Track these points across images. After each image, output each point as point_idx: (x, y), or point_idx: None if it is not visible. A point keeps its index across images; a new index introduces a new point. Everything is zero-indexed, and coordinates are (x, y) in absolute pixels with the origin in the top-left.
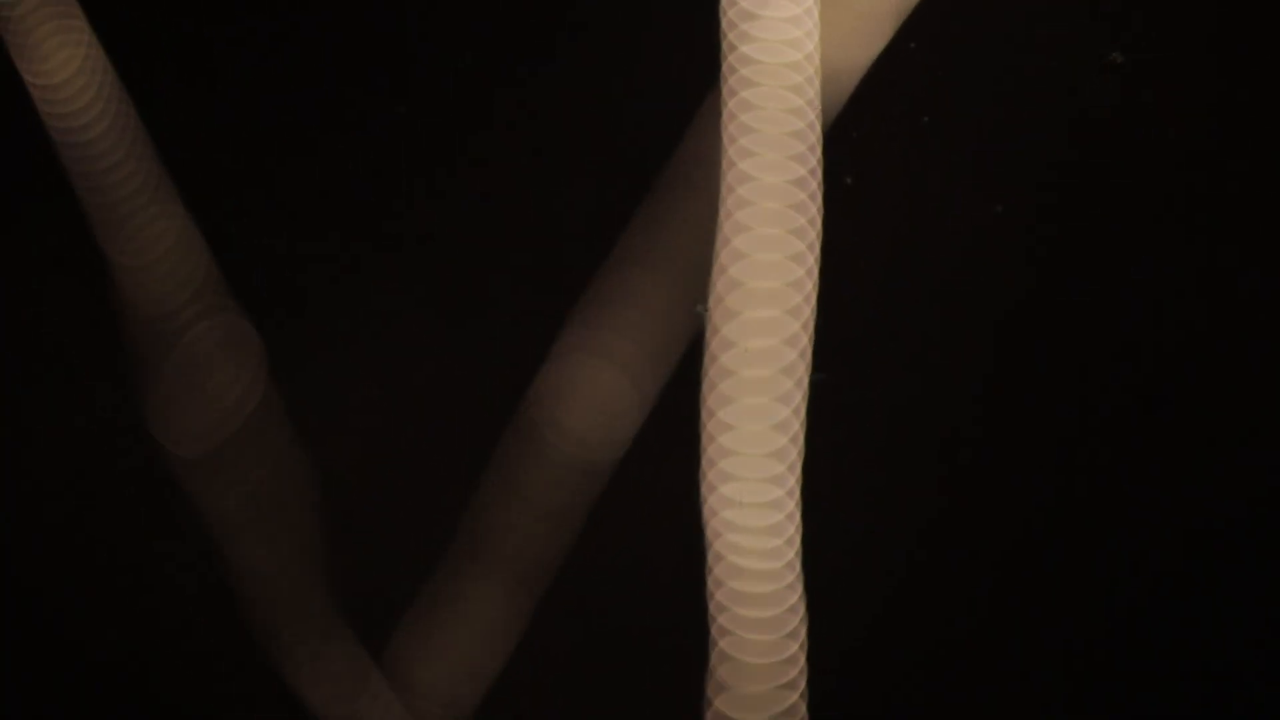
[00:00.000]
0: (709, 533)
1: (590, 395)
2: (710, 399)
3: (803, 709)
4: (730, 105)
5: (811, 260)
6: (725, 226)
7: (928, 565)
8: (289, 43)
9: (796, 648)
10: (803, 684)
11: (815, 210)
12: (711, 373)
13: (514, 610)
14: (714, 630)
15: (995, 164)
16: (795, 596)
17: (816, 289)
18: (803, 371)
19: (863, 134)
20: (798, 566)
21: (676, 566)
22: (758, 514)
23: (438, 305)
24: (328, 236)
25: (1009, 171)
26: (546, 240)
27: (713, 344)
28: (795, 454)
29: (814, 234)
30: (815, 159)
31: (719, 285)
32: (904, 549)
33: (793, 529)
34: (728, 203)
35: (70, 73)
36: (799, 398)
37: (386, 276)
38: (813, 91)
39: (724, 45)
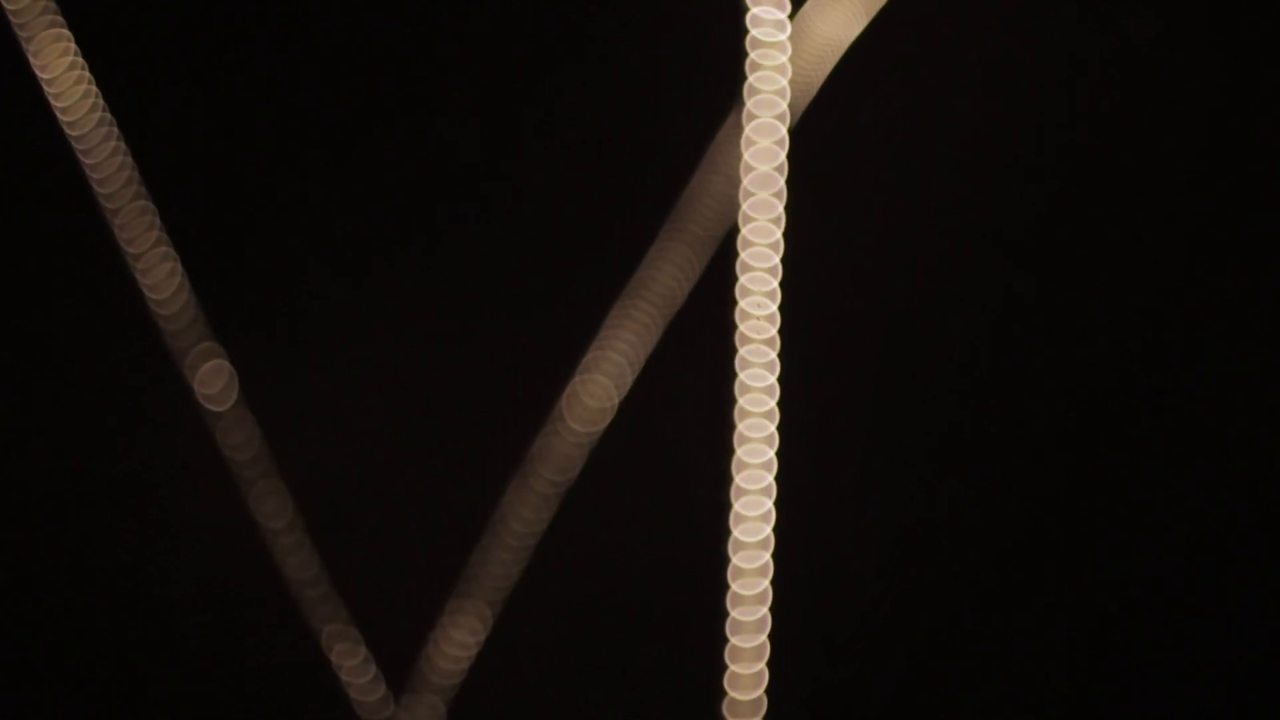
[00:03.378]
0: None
1: (596, 397)
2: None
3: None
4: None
5: (775, 258)
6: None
7: (924, 565)
8: (290, 44)
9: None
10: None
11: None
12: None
13: (521, 608)
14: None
15: (991, 159)
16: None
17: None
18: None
19: (848, 129)
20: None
21: (687, 561)
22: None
23: (442, 309)
24: (330, 237)
25: (1002, 166)
26: (552, 245)
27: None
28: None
29: (778, 232)
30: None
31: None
32: (901, 549)
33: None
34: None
35: (61, 69)
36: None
37: (391, 279)
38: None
39: (745, 62)
